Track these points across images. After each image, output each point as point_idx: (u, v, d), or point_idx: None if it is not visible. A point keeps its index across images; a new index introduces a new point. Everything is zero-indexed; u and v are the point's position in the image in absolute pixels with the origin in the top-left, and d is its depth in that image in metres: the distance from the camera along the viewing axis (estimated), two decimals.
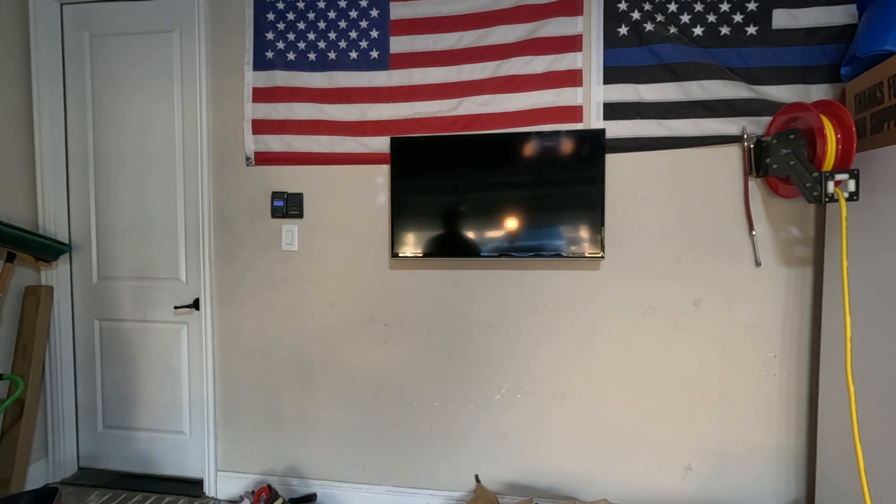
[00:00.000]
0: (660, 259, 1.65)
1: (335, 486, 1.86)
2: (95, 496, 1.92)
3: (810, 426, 1.59)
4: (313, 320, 1.84)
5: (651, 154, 1.64)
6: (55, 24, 1.96)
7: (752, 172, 1.57)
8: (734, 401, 1.63)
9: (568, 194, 1.62)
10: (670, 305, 1.65)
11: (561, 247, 1.63)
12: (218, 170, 1.90)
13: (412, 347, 1.80)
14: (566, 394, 1.72)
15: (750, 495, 1.63)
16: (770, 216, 1.59)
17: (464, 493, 1.79)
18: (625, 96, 1.63)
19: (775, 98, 1.54)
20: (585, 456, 1.72)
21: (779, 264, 1.59)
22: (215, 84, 1.89)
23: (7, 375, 1.74)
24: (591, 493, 1.71)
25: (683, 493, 1.67)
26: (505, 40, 1.69)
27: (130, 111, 1.96)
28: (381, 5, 1.75)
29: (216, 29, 1.88)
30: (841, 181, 1.25)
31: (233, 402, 1.93)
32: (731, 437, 1.63)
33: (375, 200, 1.80)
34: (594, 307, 1.69)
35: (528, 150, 1.63)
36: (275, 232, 1.85)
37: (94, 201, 2.01)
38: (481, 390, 1.77)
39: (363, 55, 1.77)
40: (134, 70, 1.95)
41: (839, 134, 1.30)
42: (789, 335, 1.60)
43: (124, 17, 1.94)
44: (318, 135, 1.80)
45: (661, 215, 1.64)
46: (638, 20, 1.61)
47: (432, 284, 1.78)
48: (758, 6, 1.55)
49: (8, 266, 1.80)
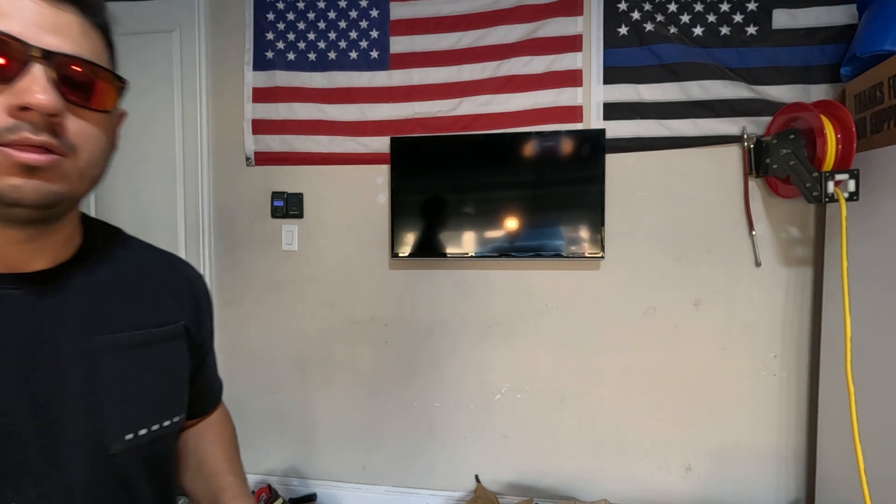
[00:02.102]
0: (660, 259, 1.65)
1: (335, 486, 1.86)
2: None
3: (810, 426, 1.59)
4: (313, 320, 1.84)
5: (651, 154, 1.64)
6: None
7: (752, 172, 1.57)
8: (734, 401, 1.63)
9: (568, 194, 1.62)
10: (670, 305, 1.65)
11: (561, 247, 1.63)
12: (218, 170, 1.90)
13: (412, 347, 1.80)
14: (566, 394, 1.72)
15: (750, 495, 1.63)
16: (770, 216, 1.59)
17: (464, 493, 1.79)
18: (625, 96, 1.63)
19: (775, 98, 1.54)
20: (585, 456, 1.72)
21: (779, 264, 1.59)
22: (215, 84, 1.89)
23: None
24: (591, 493, 1.71)
25: (683, 493, 1.67)
26: (505, 40, 1.69)
27: (130, 111, 1.95)
28: (381, 5, 1.75)
29: (216, 29, 1.88)
30: (841, 181, 1.25)
31: (232, 402, 1.92)
32: (731, 437, 1.63)
33: (375, 200, 1.80)
34: (594, 307, 1.69)
35: (528, 150, 1.63)
36: (275, 232, 1.85)
37: (94, 201, 2.01)
38: (481, 390, 1.77)
39: (363, 55, 1.77)
40: (133, 70, 1.94)
41: (839, 134, 1.30)
42: (789, 335, 1.60)
43: (124, 17, 1.93)
44: (318, 135, 1.80)
45: (661, 215, 1.64)
46: (638, 20, 1.61)
47: (432, 284, 1.78)
48: (758, 6, 1.55)
49: None
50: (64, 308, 0.43)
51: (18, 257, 0.41)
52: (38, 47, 0.35)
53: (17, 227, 0.39)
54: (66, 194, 0.39)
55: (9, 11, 0.35)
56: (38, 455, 0.41)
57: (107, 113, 0.43)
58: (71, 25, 0.38)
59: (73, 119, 0.39)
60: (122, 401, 0.46)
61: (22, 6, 0.35)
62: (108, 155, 0.46)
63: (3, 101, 0.35)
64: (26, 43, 0.35)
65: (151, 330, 0.51)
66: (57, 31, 0.37)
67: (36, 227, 0.40)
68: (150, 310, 0.52)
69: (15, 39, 0.34)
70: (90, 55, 0.40)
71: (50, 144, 0.36)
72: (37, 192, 0.36)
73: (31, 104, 0.34)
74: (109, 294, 0.48)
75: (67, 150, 0.38)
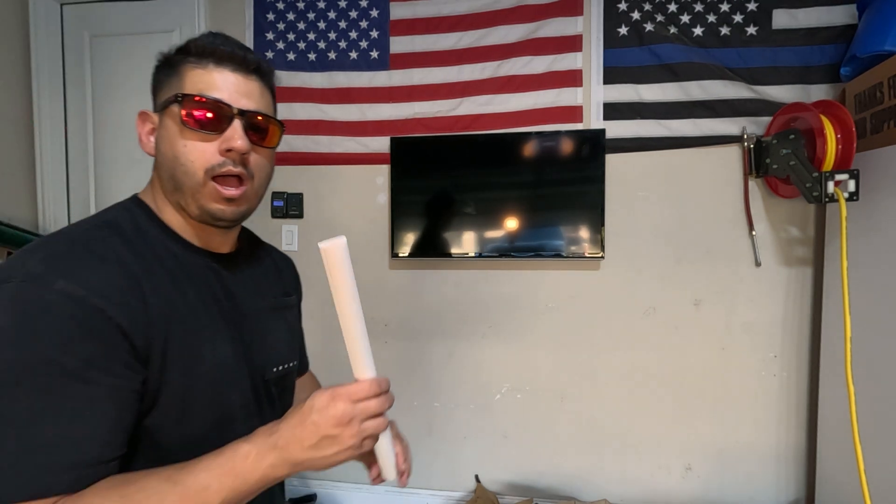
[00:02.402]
0: (660, 259, 1.65)
1: (335, 486, 1.86)
2: None
3: (810, 426, 1.59)
4: (313, 321, 1.83)
5: (651, 154, 1.64)
6: (55, 24, 1.96)
7: (752, 172, 1.57)
8: (734, 401, 1.63)
9: (568, 194, 1.62)
10: (670, 305, 1.65)
11: (561, 247, 1.63)
12: None
13: (412, 347, 1.80)
14: (566, 394, 1.72)
15: (750, 495, 1.63)
16: (770, 216, 1.59)
17: (464, 493, 1.79)
18: (625, 96, 1.63)
19: (775, 98, 1.54)
20: (585, 456, 1.71)
21: (779, 264, 1.59)
22: None
23: None
24: (591, 493, 1.71)
25: (683, 492, 1.67)
26: (505, 40, 1.69)
27: (131, 111, 1.96)
28: (381, 5, 1.75)
29: (216, 29, 1.87)
30: (841, 181, 1.25)
31: None
32: (731, 437, 1.63)
33: (375, 200, 1.80)
34: (594, 307, 1.69)
35: (529, 150, 1.63)
36: (275, 232, 1.85)
37: (95, 201, 2.01)
38: (481, 390, 1.77)
39: (363, 55, 1.77)
40: (134, 70, 1.94)
41: (839, 134, 1.30)
42: (789, 335, 1.60)
43: (124, 17, 1.94)
44: (318, 135, 1.80)
45: (661, 215, 1.64)
46: (638, 20, 1.61)
47: (432, 284, 1.78)
48: (758, 6, 1.55)
49: None
50: (241, 278, 0.64)
51: (215, 244, 0.61)
52: (237, 108, 0.54)
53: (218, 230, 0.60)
54: (248, 211, 0.59)
55: (220, 85, 0.54)
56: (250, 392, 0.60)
57: (273, 149, 0.61)
58: (254, 90, 0.56)
59: (254, 154, 0.56)
60: (275, 345, 0.67)
61: (227, 80, 0.54)
62: (270, 179, 0.63)
63: (217, 145, 0.53)
64: (231, 106, 0.53)
65: (282, 297, 0.72)
66: (247, 96, 0.55)
67: (226, 229, 0.61)
68: (279, 283, 0.73)
69: (226, 104, 0.53)
70: (265, 109, 0.58)
71: (242, 174, 0.55)
72: (233, 213, 0.56)
73: (234, 147, 0.53)
74: (257, 271, 0.69)
75: (249, 177, 0.56)
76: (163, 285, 0.51)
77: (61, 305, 0.42)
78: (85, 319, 0.43)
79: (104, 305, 0.44)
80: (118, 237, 0.51)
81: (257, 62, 0.56)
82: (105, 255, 0.48)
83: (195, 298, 0.55)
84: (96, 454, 0.44)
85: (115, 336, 0.45)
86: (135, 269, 0.49)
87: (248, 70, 0.56)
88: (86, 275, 0.45)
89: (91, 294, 0.44)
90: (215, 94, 0.53)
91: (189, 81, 0.53)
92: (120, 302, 0.45)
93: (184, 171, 0.53)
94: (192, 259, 0.57)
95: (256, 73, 0.57)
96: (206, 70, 0.54)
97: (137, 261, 0.50)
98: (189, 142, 0.53)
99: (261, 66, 0.57)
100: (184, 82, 0.53)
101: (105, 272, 0.46)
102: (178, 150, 0.53)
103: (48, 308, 0.42)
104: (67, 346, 0.42)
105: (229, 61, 0.54)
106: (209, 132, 0.53)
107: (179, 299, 0.53)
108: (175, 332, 0.51)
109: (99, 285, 0.45)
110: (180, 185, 0.54)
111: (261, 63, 0.57)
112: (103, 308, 0.44)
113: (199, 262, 0.58)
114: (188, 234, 0.58)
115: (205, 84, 0.53)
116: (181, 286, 0.54)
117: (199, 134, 0.52)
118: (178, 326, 0.51)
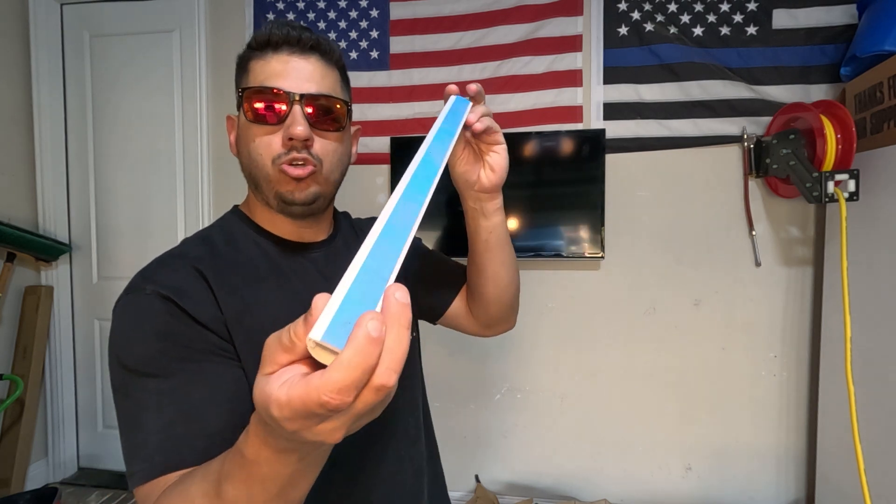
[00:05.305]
0: (660, 259, 1.65)
1: None
2: (95, 496, 1.92)
3: (810, 426, 1.59)
4: None
5: (651, 154, 1.64)
6: (55, 24, 1.96)
7: (752, 172, 1.57)
8: (734, 401, 1.63)
9: (568, 194, 1.62)
10: (670, 305, 1.65)
11: (561, 247, 1.63)
12: (218, 170, 1.90)
13: None
14: (566, 394, 1.72)
15: (750, 495, 1.63)
16: (770, 216, 1.59)
17: (464, 493, 1.79)
18: (625, 96, 1.63)
19: (775, 98, 1.54)
20: (585, 456, 1.71)
21: (779, 264, 1.59)
22: (215, 84, 1.89)
23: (7, 375, 1.74)
24: (591, 493, 1.71)
25: (683, 493, 1.67)
26: (505, 40, 1.69)
27: (130, 111, 1.96)
28: (381, 5, 1.75)
29: (216, 29, 1.88)
30: (841, 181, 1.25)
31: None
32: (731, 437, 1.63)
33: (375, 200, 1.80)
34: (594, 307, 1.69)
35: (529, 150, 1.63)
36: None
37: (94, 201, 2.01)
38: (481, 390, 1.77)
39: (363, 55, 1.77)
40: (134, 70, 1.94)
41: (839, 134, 1.30)
42: (789, 335, 1.60)
43: (124, 17, 1.94)
44: None
45: (661, 215, 1.64)
46: (638, 20, 1.61)
47: None
48: (758, 6, 1.55)
49: (8, 266, 1.80)
50: (336, 263, 0.63)
51: (308, 235, 0.61)
52: (296, 93, 0.51)
53: (298, 219, 0.58)
54: (320, 193, 0.56)
55: (279, 71, 0.52)
56: None
57: (340, 131, 0.57)
58: (316, 71, 0.54)
59: (319, 139, 0.54)
60: None
61: (286, 65, 0.52)
62: (345, 162, 0.61)
63: (281, 135, 0.52)
64: (287, 92, 0.51)
65: None
66: (308, 79, 0.53)
67: (306, 219, 0.59)
68: None
69: (281, 91, 0.51)
70: (329, 90, 0.55)
71: (306, 160, 0.53)
72: (303, 193, 0.54)
73: (294, 135, 0.51)
74: (353, 254, 0.62)
75: (317, 162, 0.54)
76: (242, 288, 0.53)
77: (153, 302, 0.47)
78: (174, 311, 0.47)
79: (178, 298, 0.47)
80: (207, 247, 0.55)
81: (315, 40, 0.54)
82: (184, 262, 0.51)
83: (284, 296, 0.55)
84: (221, 424, 0.45)
85: (196, 326, 0.48)
86: (209, 273, 0.51)
87: (305, 49, 0.54)
88: (165, 277, 0.49)
89: (167, 290, 0.47)
90: (275, 81, 0.52)
91: (252, 74, 0.53)
92: (196, 299, 0.49)
93: (255, 165, 0.54)
94: (288, 255, 0.59)
95: (316, 51, 0.54)
96: (266, 59, 0.53)
97: (217, 267, 0.52)
98: (257, 137, 0.53)
99: (320, 43, 0.55)
100: (248, 77, 0.54)
101: (182, 274, 0.50)
102: (250, 147, 0.54)
103: (146, 307, 0.47)
104: (169, 336, 0.46)
105: (285, 44, 0.53)
106: (272, 125, 0.52)
107: (262, 299, 0.53)
108: (251, 331, 0.51)
109: (176, 284, 0.49)
110: (257, 180, 0.55)
111: (320, 40, 0.55)
112: (177, 301, 0.47)
113: (296, 257, 0.59)
114: (280, 230, 0.59)
115: (265, 74, 0.52)
116: (268, 285, 0.55)
117: (263, 128, 0.53)
118: (254, 326, 0.51)
